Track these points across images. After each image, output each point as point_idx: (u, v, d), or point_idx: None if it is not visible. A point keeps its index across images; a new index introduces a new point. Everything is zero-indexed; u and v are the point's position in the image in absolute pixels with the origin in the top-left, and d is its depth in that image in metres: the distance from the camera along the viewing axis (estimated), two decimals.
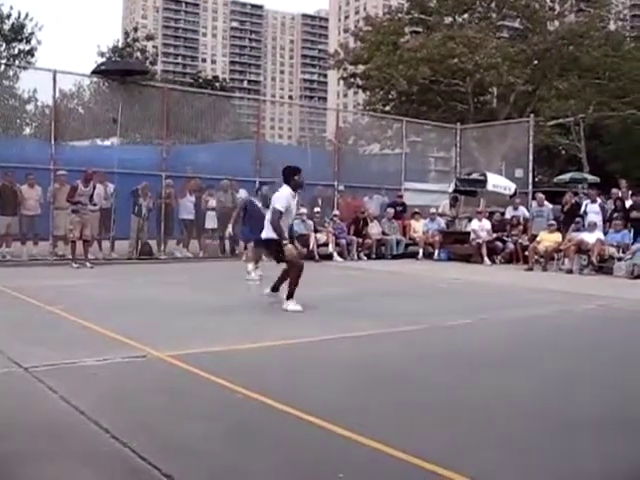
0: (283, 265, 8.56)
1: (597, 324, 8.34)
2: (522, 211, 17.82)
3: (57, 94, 15.38)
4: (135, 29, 49.85)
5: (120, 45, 45.37)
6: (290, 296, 8.31)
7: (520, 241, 16.73)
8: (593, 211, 15.95)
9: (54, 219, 14.60)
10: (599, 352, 6.49)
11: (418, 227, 18.62)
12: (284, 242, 8.21)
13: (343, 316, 8.12)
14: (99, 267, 13.70)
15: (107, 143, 17.10)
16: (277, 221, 8.28)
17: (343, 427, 3.82)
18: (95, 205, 14.04)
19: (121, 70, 17.14)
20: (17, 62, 32.61)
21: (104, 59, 38.06)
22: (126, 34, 49.76)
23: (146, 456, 3.36)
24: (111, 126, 16.38)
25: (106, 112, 17.33)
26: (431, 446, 3.64)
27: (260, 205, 11.83)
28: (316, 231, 16.70)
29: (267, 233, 8.48)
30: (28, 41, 36.15)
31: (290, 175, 8.52)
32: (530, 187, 19.76)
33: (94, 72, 17.29)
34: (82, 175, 13.66)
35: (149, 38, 54.11)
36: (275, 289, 8.70)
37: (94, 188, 13.77)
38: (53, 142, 14.77)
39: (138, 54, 44.41)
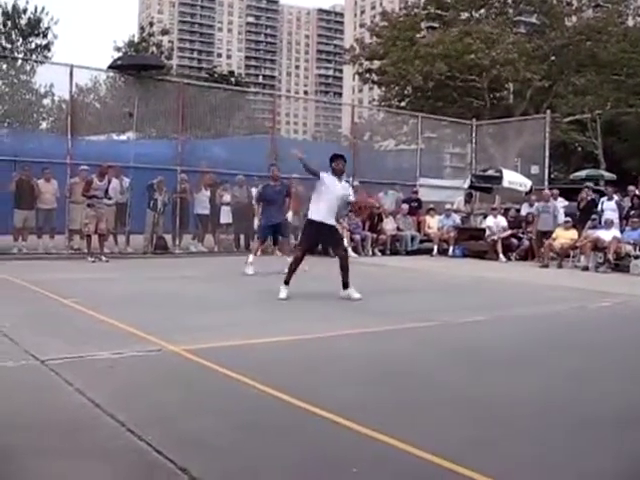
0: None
1: (612, 322, 8.30)
2: None
3: (74, 89, 15.47)
4: (151, 24, 50.15)
5: (136, 40, 45.51)
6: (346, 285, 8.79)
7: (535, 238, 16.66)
8: (610, 208, 15.85)
9: (70, 213, 14.69)
10: (613, 350, 6.45)
11: (433, 223, 18.58)
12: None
13: (356, 312, 8.12)
14: (115, 261, 13.77)
15: (123, 137, 17.17)
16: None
17: (356, 423, 3.83)
18: (110, 199, 14.09)
19: (137, 65, 17.18)
20: (34, 57, 32.83)
21: (120, 54, 38.20)
22: (142, 29, 49.92)
23: (162, 450, 3.38)
24: (127, 120, 16.45)
25: (122, 107, 17.44)
26: (444, 442, 3.63)
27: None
28: None
29: (328, 219, 8.86)
30: (45, 35, 36.36)
31: (329, 161, 9.01)
32: (546, 184, 19.65)
33: (110, 67, 17.38)
34: (97, 169, 13.74)
35: (165, 33, 54.28)
36: (345, 286, 8.95)
37: (109, 182, 13.83)
38: (70, 136, 14.84)
39: (154, 49, 44.53)
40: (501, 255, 16.54)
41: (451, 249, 17.65)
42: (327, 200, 8.84)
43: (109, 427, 3.75)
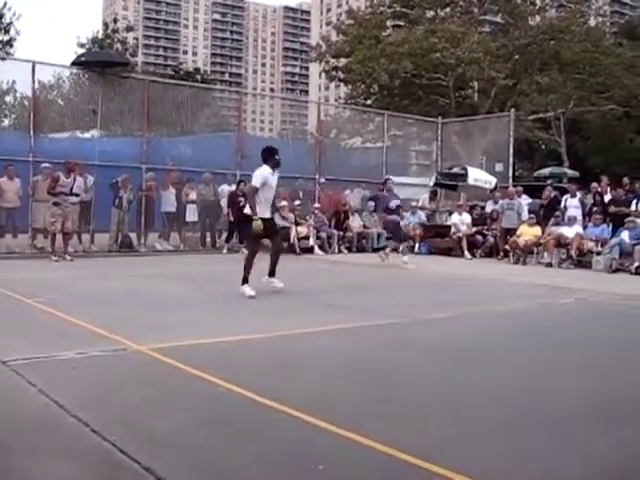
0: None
1: (576, 317, 8.41)
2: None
3: (36, 85, 15.26)
4: (115, 20, 49.46)
5: (100, 36, 45.01)
6: (244, 280, 8.71)
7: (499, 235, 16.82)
8: (573, 205, 16.08)
9: (33, 212, 14.47)
10: (578, 345, 6.54)
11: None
12: (254, 218, 8.74)
13: (324, 309, 8.13)
14: (79, 260, 13.61)
15: (87, 135, 16.97)
16: (252, 197, 8.93)
17: (324, 420, 3.83)
18: (77, 196, 13.88)
19: (101, 62, 16.97)
20: None
21: (84, 50, 37.72)
22: (106, 25, 49.32)
23: (126, 450, 3.35)
24: (91, 118, 16.26)
25: (86, 104, 17.22)
26: (417, 439, 3.65)
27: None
28: (297, 224, 16.70)
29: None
30: (7, 31, 35.70)
31: (269, 155, 9.07)
32: (510, 181, 19.87)
33: (74, 63, 17.15)
34: (64, 166, 13.55)
35: (129, 29, 53.82)
36: (271, 274, 9.14)
37: (74, 180, 13.65)
38: (32, 134, 14.63)
39: (118, 45, 44.06)
40: (466, 252, 16.67)
41: (417, 246, 17.73)
42: (270, 196, 9.10)
43: (73, 428, 3.71)
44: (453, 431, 3.86)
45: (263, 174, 8.93)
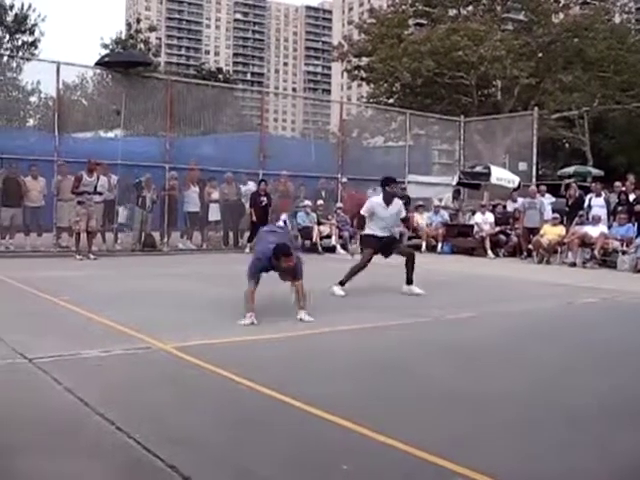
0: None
1: (599, 317, 8.34)
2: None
3: (60, 86, 15.42)
4: (138, 20, 49.83)
5: (123, 37, 45.38)
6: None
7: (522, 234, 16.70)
8: (597, 205, 15.92)
9: (58, 211, 14.61)
10: (601, 345, 6.48)
11: (421, 220, 18.58)
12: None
13: (346, 308, 8.12)
14: (102, 259, 13.71)
15: (110, 135, 17.10)
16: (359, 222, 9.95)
17: (347, 419, 3.83)
18: (101, 194, 14.00)
19: (124, 62, 17.12)
20: (20, 53, 32.59)
21: (107, 51, 38.02)
22: (129, 25, 49.66)
23: (150, 447, 3.37)
24: (114, 118, 16.39)
25: (109, 104, 17.36)
26: (435, 438, 3.63)
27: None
28: (319, 223, 16.71)
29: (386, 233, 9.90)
30: (31, 32, 36.16)
31: (382, 185, 9.86)
32: (534, 180, 19.74)
33: (97, 64, 17.28)
34: (85, 166, 13.67)
35: (152, 29, 54.13)
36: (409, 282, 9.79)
37: (98, 179, 13.77)
38: (57, 134, 14.77)
39: (141, 46, 44.35)
40: (489, 251, 16.58)
41: (440, 246, 17.66)
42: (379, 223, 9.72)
43: (98, 425, 3.74)
44: (472, 430, 3.85)
45: (371, 204, 9.80)
